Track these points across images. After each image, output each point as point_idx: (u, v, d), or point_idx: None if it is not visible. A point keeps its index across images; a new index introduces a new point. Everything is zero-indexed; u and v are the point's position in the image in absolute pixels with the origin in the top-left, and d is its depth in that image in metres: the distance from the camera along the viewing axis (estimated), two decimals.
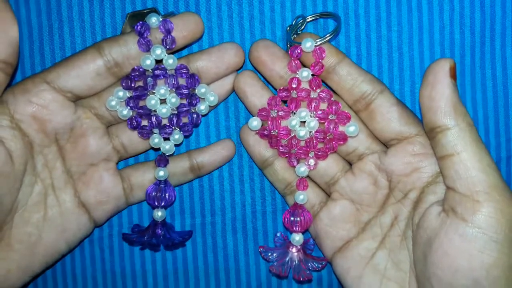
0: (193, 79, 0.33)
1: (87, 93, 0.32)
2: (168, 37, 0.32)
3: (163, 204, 0.34)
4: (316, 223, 0.35)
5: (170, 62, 0.33)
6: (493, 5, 0.36)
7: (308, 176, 0.35)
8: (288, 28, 0.34)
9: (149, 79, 0.33)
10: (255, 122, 0.33)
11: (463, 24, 0.36)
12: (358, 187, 0.33)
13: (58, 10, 0.35)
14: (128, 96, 0.33)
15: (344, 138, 0.33)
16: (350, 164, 0.35)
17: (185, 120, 0.34)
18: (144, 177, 0.35)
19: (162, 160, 0.34)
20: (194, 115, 0.34)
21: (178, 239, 0.35)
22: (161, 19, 0.32)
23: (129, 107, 0.33)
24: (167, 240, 0.34)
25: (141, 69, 0.33)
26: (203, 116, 0.35)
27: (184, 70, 0.33)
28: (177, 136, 0.34)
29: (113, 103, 0.33)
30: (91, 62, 0.31)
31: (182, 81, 0.33)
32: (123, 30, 0.34)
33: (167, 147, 0.34)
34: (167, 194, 0.34)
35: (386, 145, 0.33)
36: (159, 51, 0.32)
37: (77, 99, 0.33)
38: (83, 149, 0.33)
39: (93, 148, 0.33)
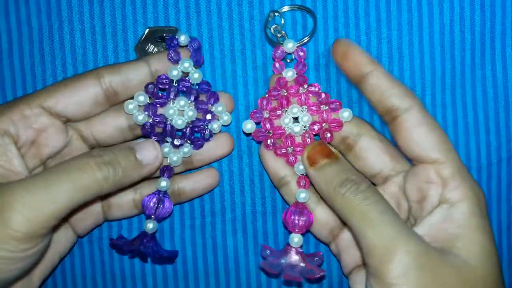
0: (214, 96, 0.34)
1: (82, 119, 0.33)
2: (197, 53, 0.34)
3: (158, 215, 0.34)
4: (338, 242, 0.34)
5: (196, 76, 0.34)
6: (493, 5, 0.36)
7: None
8: (265, 25, 0.35)
9: (172, 88, 0.33)
10: (249, 125, 0.34)
11: (463, 24, 0.36)
12: None
13: (58, 11, 0.35)
14: (148, 102, 0.33)
15: (339, 124, 0.33)
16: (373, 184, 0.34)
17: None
18: (122, 198, 0.35)
19: (167, 170, 0.34)
20: (207, 132, 0.34)
21: (165, 253, 0.34)
22: (189, 38, 0.33)
23: (145, 113, 0.33)
24: (155, 253, 0.34)
25: (167, 79, 0.33)
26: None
27: (207, 86, 0.34)
28: (186, 149, 0.34)
29: (131, 106, 0.33)
30: (92, 91, 0.31)
31: (202, 97, 0.34)
32: (139, 43, 0.35)
33: (174, 158, 0.34)
34: (165, 206, 0.34)
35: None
36: (187, 64, 0.33)
37: (68, 121, 0.33)
38: None
39: None
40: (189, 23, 0.35)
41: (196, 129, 0.34)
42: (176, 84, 0.34)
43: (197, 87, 0.34)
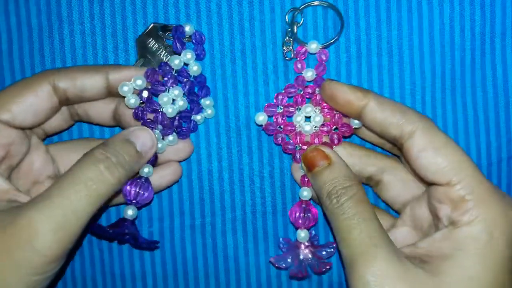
0: (207, 90, 0.35)
1: (38, 126, 0.33)
2: (199, 47, 0.34)
3: (139, 201, 0.33)
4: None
5: (195, 68, 0.34)
6: (493, 5, 0.36)
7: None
8: (287, 25, 0.35)
9: (172, 77, 0.34)
10: (261, 117, 0.35)
11: (463, 24, 0.36)
12: (420, 213, 0.33)
13: (58, 11, 0.35)
14: (145, 87, 0.33)
15: (349, 130, 0.34)
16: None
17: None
18: None
19: (152, 157, 0.33)
20: (192, 123, 0.35)
21: (143, 240, 0.34)
22: (194, 30, 0.34)
23: (138, 97, 0.33)
24: (135, 239, 0.34)
25: (168, 67, 0.34)
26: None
27: (203, 80, 0.35)
28: (171, 137, 0.35)
29: (126, 88, 0.33)
30: (47, 102, 0.31)
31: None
32: (141, 36, 0.35)
33: (159, 145, 0.34)
34: (146, 192, 0.33)
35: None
36: (189, 55, 0.34)
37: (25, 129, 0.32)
38: (28, 167, 0.33)
39: (37, 165, 0.33)
40: (189, 22, 0.35)
41: (184, 119, 0.35)
42: (176, 74, 0.34)
43: (193, 79, 0.34)
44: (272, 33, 0.36)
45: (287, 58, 0.35)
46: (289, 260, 0.34)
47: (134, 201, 0.33)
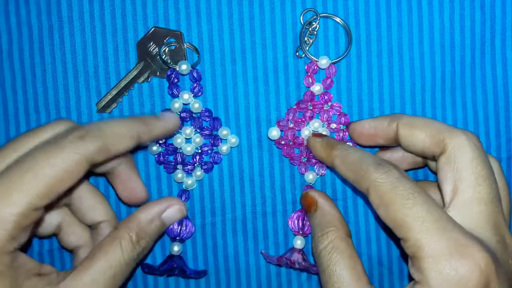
0: (217, 121, 0.36)
1: None
2: (197, 84, 0.35)
3: (182, 236, 0.36)
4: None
5: (196, 106, 0.35)
6: (493, 5, 0.36)
7: None
8: (302, 26, 0.35)
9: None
10: (275, 132, 0.36)
11: (463, 24, 0.36)
12: None
13: (58, 11, 0.35)
14: None
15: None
16: None
17: (206, 157, 0.37)
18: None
19: (184, 194, 0.36)
20: (215, 155, 0.36)
21: (193, 271, 0.36)
22: (190, 68, 0.35)
23: (158, 144, 0.36)
24: (186, 271, 0.36)
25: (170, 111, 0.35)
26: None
27: (208, 114, 0.36)
28: (199, 173, 0.36)
29: None
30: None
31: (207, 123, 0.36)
32: (142, 40, 0.35)
33: (189, 182, 0.36)
34: (187, 227, 0.36)
35: None
36: (186, 96, 0.35)
37: None
38: None
39: None
40: (189, 23, 0.35)
41: (205, 153, 0.36)
42: (179, 115, 0.35)
43: (198, 115, 0.36)
44: (272, 33, 0.36)
45: (297, 55, 0.36)
46: (283, 257, 0.35)
47: (178, 238, 0.36)
